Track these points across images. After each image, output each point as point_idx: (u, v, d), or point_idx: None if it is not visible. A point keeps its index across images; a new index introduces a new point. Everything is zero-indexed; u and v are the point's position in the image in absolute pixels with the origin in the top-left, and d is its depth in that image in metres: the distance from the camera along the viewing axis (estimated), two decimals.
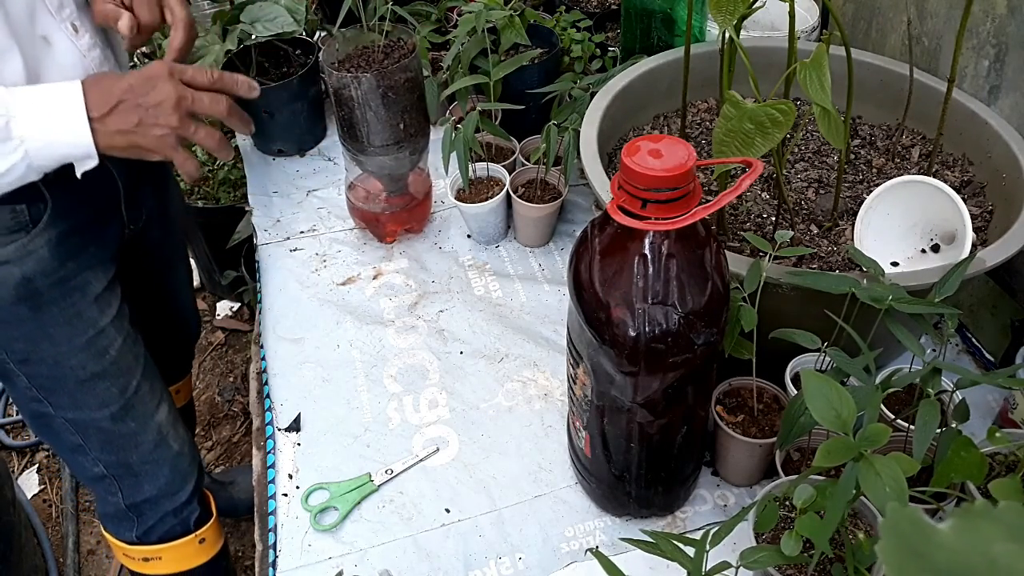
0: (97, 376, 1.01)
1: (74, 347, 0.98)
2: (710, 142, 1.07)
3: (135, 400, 1.05)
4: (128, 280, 1.09)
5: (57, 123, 0.80)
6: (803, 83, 0.75)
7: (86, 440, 1.07)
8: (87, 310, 0.98)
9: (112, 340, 1.01)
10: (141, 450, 1.08)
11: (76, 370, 0.99)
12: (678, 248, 0.67)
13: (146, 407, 1.07)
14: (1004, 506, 0.23)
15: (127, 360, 1.04)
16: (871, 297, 0.75)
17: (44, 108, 0.80)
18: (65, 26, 0.88)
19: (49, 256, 0.92)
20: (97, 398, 1.02)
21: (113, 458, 1.09)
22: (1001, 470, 0.78)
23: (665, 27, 1.25)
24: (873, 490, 0.57)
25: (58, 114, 0.81)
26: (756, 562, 0.67)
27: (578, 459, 0.93)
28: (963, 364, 1.08)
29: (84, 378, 1.00)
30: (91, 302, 0.98)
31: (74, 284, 0.96)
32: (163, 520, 1.15)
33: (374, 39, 1.18)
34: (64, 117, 0.81)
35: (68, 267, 0.95)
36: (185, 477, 1.14)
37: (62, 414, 1.04)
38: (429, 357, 1.14)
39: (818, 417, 0.60)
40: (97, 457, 1.08)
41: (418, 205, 1.30)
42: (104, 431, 1.05)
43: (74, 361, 0.99)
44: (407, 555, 0.92)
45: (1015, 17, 0.98)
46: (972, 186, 1.02)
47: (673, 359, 0.71)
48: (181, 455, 1.13)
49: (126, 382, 1.04)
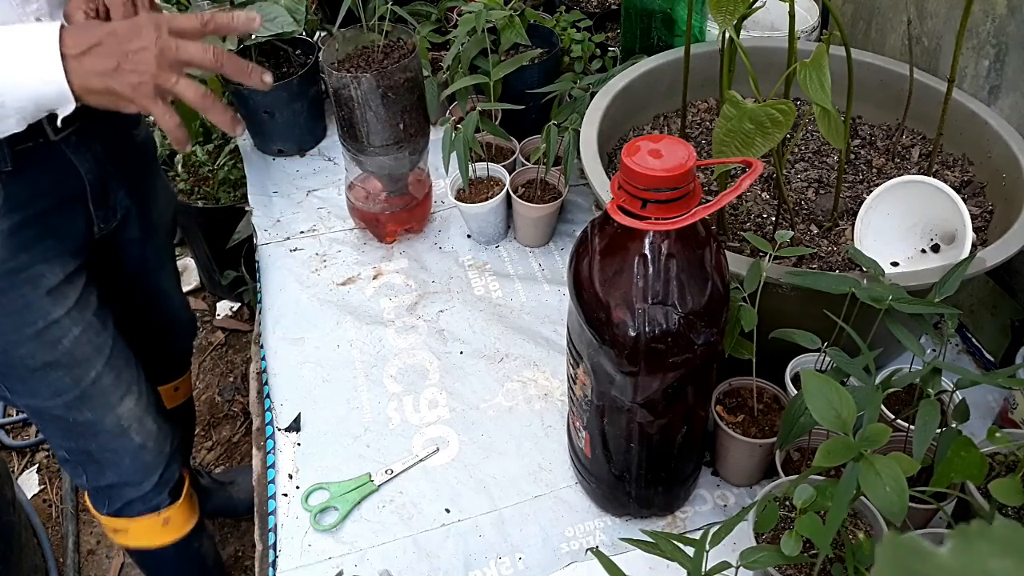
0: (49, 366, 1.00)
1: (23, 336, 0.98)
2: (710, 142, 1.07)
3: (92, 391, 1.05)
4: (109, 280, 1.09)
5: (29, 58, 0.77)
6: (803, 83, 0.75)
7: (44, 427, 1.08)
8: (38, 301, 0.97)
9: (66, 331, 1.00)
10: (100, 439, 1.08)
11: (25, 359, 0.99)
12: (678, 248, 0.67)
13: (106, 398, 1.06)
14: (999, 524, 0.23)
15: (84, 351, 1.03)
16: (871, 297, 0.75)
17: (15, 43, 0.77)
18: (29, 20, 0.86)
19: (0, 246, 0.92)
20: (49, 387, 1.02)
21: (72, 444, 1.09)
22: (1001, 470, 0.78)
23: (665, 27, 1.25)
24: (873, 490, 0.57)
25: (30, 49, 0.77)
26: (756, 562, 0.67)
27: (578, 459, 0.93)
28: (963, 364, 1.08)
29: (35, 367, 1.00)
30: (43, 294, 0.97)
31: (25, 276, 0.95)
32: (130, 504, 1.16)
33: (374, 39, 1.18)
34: (36, 52, 0.77)
35: (20, 258, 0.94)
36: (148, 469, 1.14)
37: (18, 399, 1.04)
38: (429, 357, 1.14)
39: (818, 417, 0.60)
40: (59, 443, 1.10)
41: (418, 205, 1.30)
42: (60, 419, 1.06)
43: (23, 350, 0.98)
44: (407, 555, 0.92)
45: (1015, 17, 0.98)
46: (972, 186, 1.02)
47: (673, 359, 0.71)
48: (144, 448, 1.12)
49: (82, 372, 1.03)
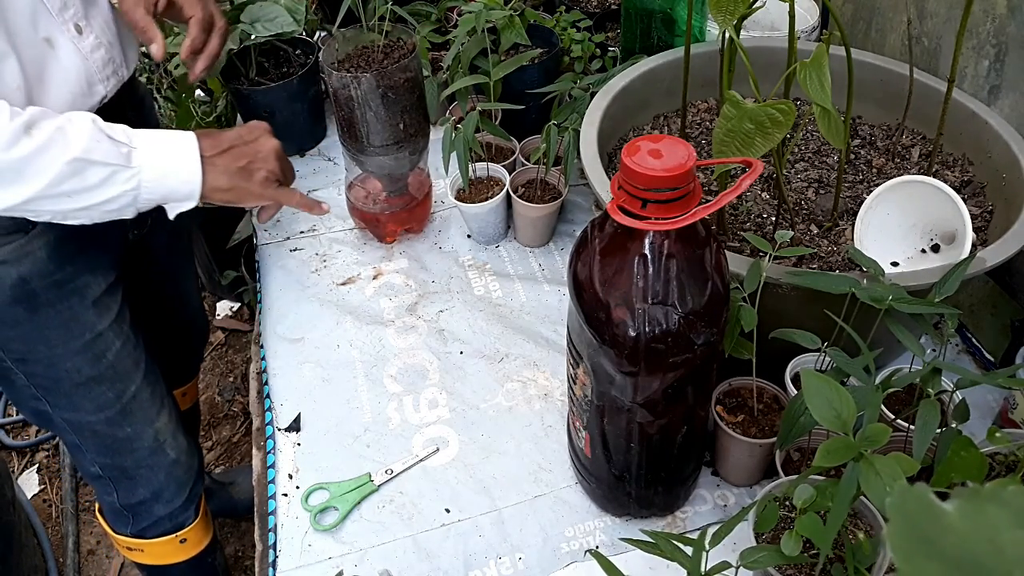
0: (93, 380, 1.00)
1: (70, 350, 0.98)
2: (710, 142, 1.07)
3: (133, 405, 1.05)
4: (134, 285, 1.09)
5: (173, 157, 0.85)
6: (803, 83, 0.75)
7: (83, 441, 1.07)
8: (84, 314, 0.97)
9: (110, 344, 1.01)
10: (137, 455, 1.08)
11: (72, 373, 0.99)
12: (678, 248, 0.67)
13: (145, 413, 1.07)
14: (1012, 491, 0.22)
15: (125, 365, 1.03)
16: (871, 297, 0.75)
17: (161, 143, 0.85)
18: (68, 27, 0.88)
19: (47, 258, 0.92)
20: (93, 401, 1.02)
21: (108, 460, 1.09)
22: (1001, 470, 0.78)
23: (665, 27, 1.25)
24: (873, 490, 0.57)
25: (174, 150, 0.85)
26: (756, 562, 0.67)
27: (578, 459, 0.93)
28: (963, 364, 1.08)
29: (80, 381, 1.00)
30: (89, 306, 0.98)
31: (72, 287, 0.96)
32: (157, 523, 1.15)
33: (374, 39, 1.18)
34: (180, 153, 0.85)
35: (66, 270, 0.94)
36: (181, 485, 1.14)
37: (59, 414, 1.04)
38: (429, 357, 1.14)
39: (818, 417, 0.60)
40: (94, 458, 1.09)
41: (418, 205, 1.30)
42: (100, 434, 1.05)
43: (69, 364, 0.98)
44: (407, 555, 0.92)
45: (1015, 17, 0.98)
46: (972, 186, 1.02)
47: (673, 359, 0.71)
48: (177, 463, 1.12)
49: (123, 387, 1.04)
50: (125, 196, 0.83)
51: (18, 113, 0.77)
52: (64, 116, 0.80)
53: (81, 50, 0.90)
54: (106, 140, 0.80)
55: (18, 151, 0.76)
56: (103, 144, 0.80)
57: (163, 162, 0.84)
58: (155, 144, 0.84)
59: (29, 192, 0.78)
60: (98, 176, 0.80)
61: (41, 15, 0.85)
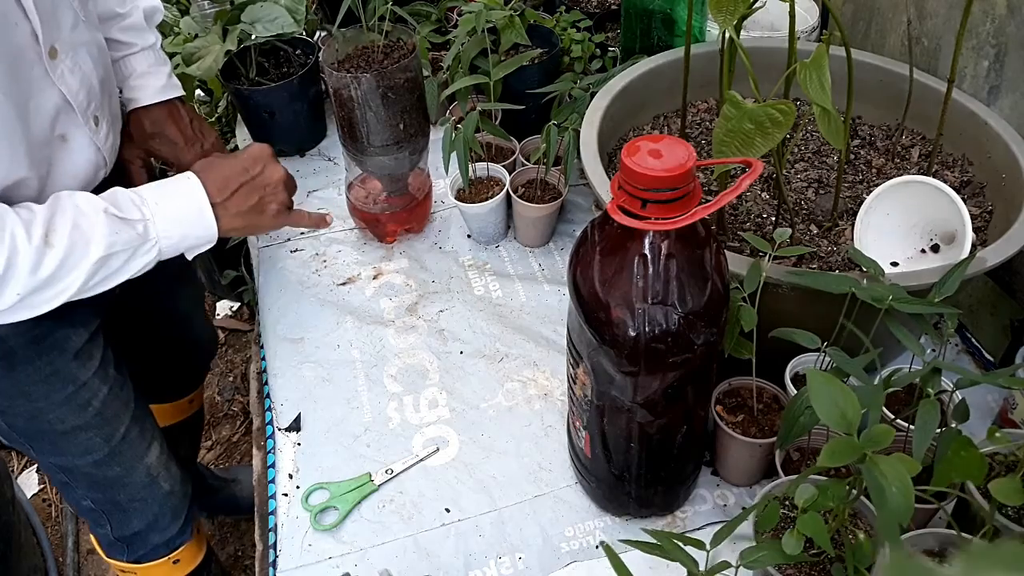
0: (79, 428, 0.98)
1: (52, 403, 0.95)
2: (710, 142, 1.07)
3: (122, 447, 1.03)
4: (124, 309, 1.06)
5: (187, 218, 0.84)
6: (803, 83, 0.75)
7: (72, 480, 1.05)
8: (65, 367, 0.94)
9: (95, 392, 0.98)
10: (129, 490, 1.06)
11: (55, 424, 0.97)
12: (678, 248, 0.68)
13: (135, 451, 1.05)
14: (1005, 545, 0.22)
15: (113, 409, 1.01)
16: (871, 297, 0.75)
17: (172, 205, 0.84)
18: (89, 122, 0.88)
19: None
20: (79, 447, 1.00)
21: (100, 496, 1.07)
22: (1001, 470, 0.78)
23: (665, 27, 1.25)
24: (878, 491, 0.57)
25: (187, 209, 0.84)
26: (756, 561, 0.67)
27: (578, 459, 0.93)
28: (963, 364, 1.08)
29: (65, 430, 0.97)
30: (70, 358, 0.94)
31: (51, 342, 0.92)
32: (153, 551, 1.14)
33: (374, 39, 1.18)
34: (192, 210, 0.85)
35: (44, 325, 0.90)
36: (176, 514, 1.13)
37: (45, 459, 1.02)
38: (429, 357, 1.14)
39: (823, 417, 0.60)
40: (85, 494, 1.07)
41: (418, 205, 1.30)
42: (90, 475, 1.03)
43: (52, 416, 0.96)
44: (407, 555, 0.92)
45: (1015, 17, 0.98)
46: (972, 186, 1.02)
47: (673, 359, 0.71)
48: (172, 494, 1.11)
49: (111, 431, 1.01)
50: (148, 265, 0.84)
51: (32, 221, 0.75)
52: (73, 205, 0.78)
53: (96, 143, 0.89)
54: (122, 227, 0.80)
55: (45, 270, 0.75)
56: (121, 234, 0.80)
57: (179, 225, 0.84)
58: (167, 207, 0.83)
59: (63, 299, 0.79)
60: (121, 260, 0.81)
61: (63, 114, 0.84)
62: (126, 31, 1.02)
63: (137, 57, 1.04)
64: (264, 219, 0.91)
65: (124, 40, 1.03)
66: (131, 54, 1.03)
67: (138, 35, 1.03)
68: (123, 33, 1.02)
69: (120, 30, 1.02)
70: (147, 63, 1.04)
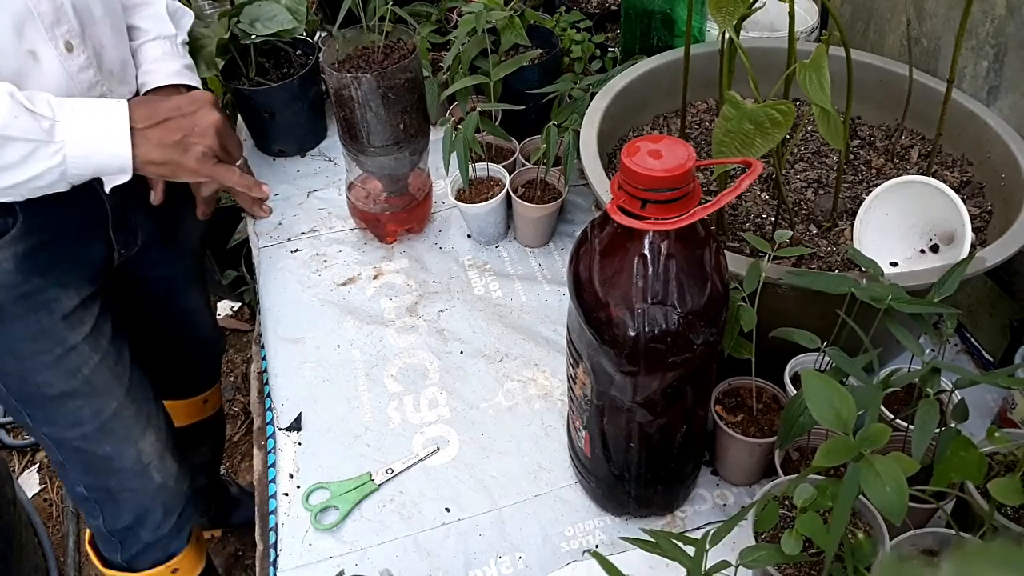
0: (67, 395, 0.98)
1: (40, 364, 0.95)
2: (710, 142, 1.07)
3: (113, 423, 1.02)
4: (130, 302, 1.06)
5: (100, 130, 0.80)
6: (803, 83, 0.75)
7: (65, 459, 1.04)
8: (53, 327, 0.94)
9: (85, 359, 0.98)
10: (120, 476, 1.06)
11: (43, 387, 0.97)
12: (678, 248, 0.68)
13: (127, 432, 1.04)
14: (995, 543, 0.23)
15: (104, 380, 1.00)
16: (870, 297, 0.75)
17: (88, 116, 0.80)
18: (57, 43, 0.85)
19: (13, 270, 0.89)
20: (68, 416, 0.99)
21: (92, 480, 1.06)
22: (1000, 470, 0.78)
23: (665, 27, 1.25)
24: (874, 490, 0.57)
25: (102, 123, 0.81)
26: (755, 561, 0.67)
27: (578, 459, 0.93)
28: (962, 364, 1.08)
29: (53, 395, 0.97)
30: (58, 320, 0.95)
31: (39, 300, 0.92)
32: (146, 550, 1.13)
33: (374, 39, 1.18)
34: (107, 126, 0.81)
35: (33, 282, 0.91)
36: (168, 510, 1.11)
37: (38, 427, 1.02)
38: (429, 357, 1.14)
39: (818, 417, 0.60)
40: (79, 477, 1.06)
41: (418, 205, 1.30)
42: (79, 451, 1.03)
43: (40, 378, 0.96)
44: (407, 554, 0.92)
45: (1014, 17, 0.98)
46: (971, 186, 1.02)
47: (673, 359, 0.71)
48: (164, 488, 1.10)
49: (102, 403, 1.01)
50: (51, 172, 0.79)
51: None
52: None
53: (67, 68, 0.87)
54: (25, 114, 0.76)
55: None
56: (21, 118, 0.76)
57: (90, 136, 0.80)
58: (81, 116, 0.80)
59: None
60: (19, 153, 0.76)
61: (29, 26, 0.82)
62: (146, 19, 1.03)
63: (154, 44, 1.03)
64: (187, 159, 0.86)
65: (143, 27, 1.03)
66: (148, 40, 1.03)
67: (157, 23, 1.04)
68: (143, 21, 1.03)
69: (141, 18, 1.03)
70: (163, 50, 1.04)
